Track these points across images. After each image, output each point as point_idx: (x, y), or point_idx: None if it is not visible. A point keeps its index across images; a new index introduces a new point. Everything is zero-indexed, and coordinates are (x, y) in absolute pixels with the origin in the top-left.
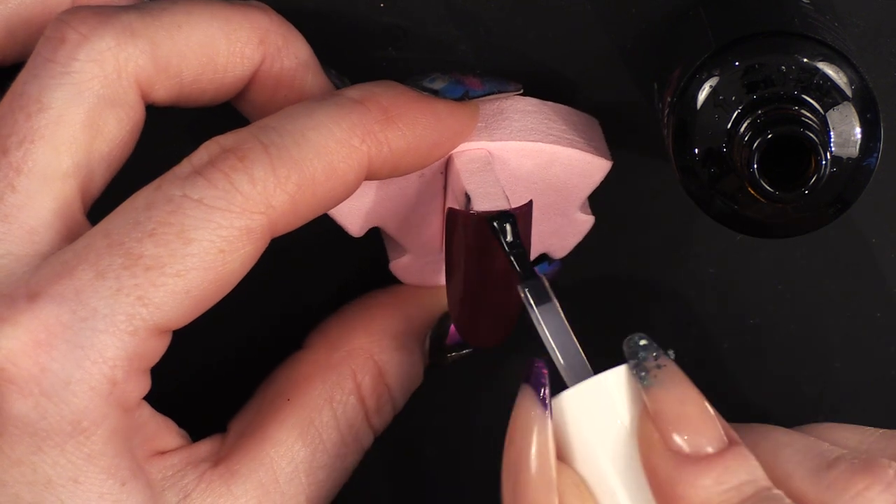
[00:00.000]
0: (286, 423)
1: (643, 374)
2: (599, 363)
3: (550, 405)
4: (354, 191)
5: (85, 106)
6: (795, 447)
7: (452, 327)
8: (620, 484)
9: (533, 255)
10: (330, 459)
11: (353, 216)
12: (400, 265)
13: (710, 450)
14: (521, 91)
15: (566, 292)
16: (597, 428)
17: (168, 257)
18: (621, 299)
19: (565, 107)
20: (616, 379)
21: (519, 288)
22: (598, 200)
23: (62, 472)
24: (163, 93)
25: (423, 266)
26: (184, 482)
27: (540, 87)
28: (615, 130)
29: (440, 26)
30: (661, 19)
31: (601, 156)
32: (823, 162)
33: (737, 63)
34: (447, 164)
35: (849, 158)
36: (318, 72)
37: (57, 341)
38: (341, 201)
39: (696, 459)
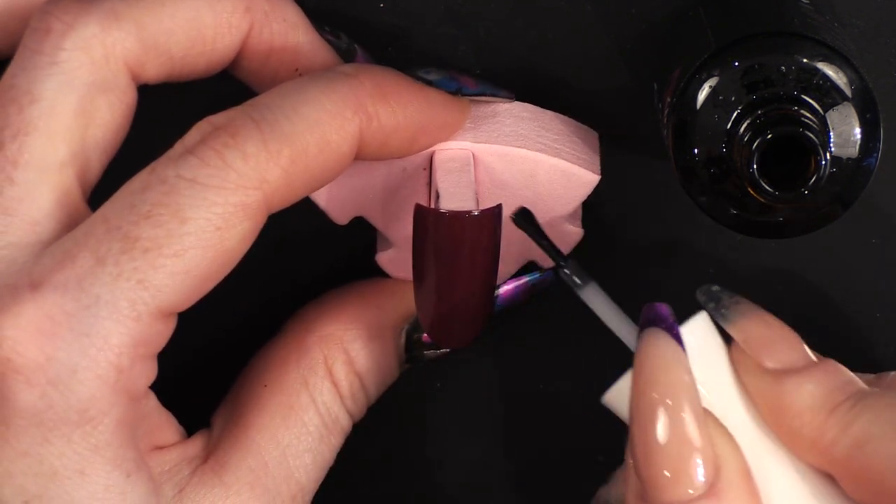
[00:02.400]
0: (267, 409)
1: (724, 311)
2: (600, 362)
3: (684, 343)
4: (348, 165)
5: (76, 94)
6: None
7: None
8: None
9: (520, 263)
10: (314, 442)
11: (335, 201)
12: (385, 257)
13: (802, 363)
14: (513, 99)
15: (566, 292)
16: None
17: (165, 238)
18: (621, 299)
19: (564, 117)
20: (700, 325)
21: (561, 273)
22: (597, 200)
23: (68, 464)
24: (154, 72)
25: (408, 259)
26: (179, 477)
27: (540, 86)
28: (615, 130)
29: (440, 26)
30: (661, 19)
31: (588, 169)
32: (823, 162)
33: (736, 63)
34: (431, 162)
35: (849, 158)
36: (310, 31)
37: (61, 330)
38: (335, 175)
39: (795, 371)
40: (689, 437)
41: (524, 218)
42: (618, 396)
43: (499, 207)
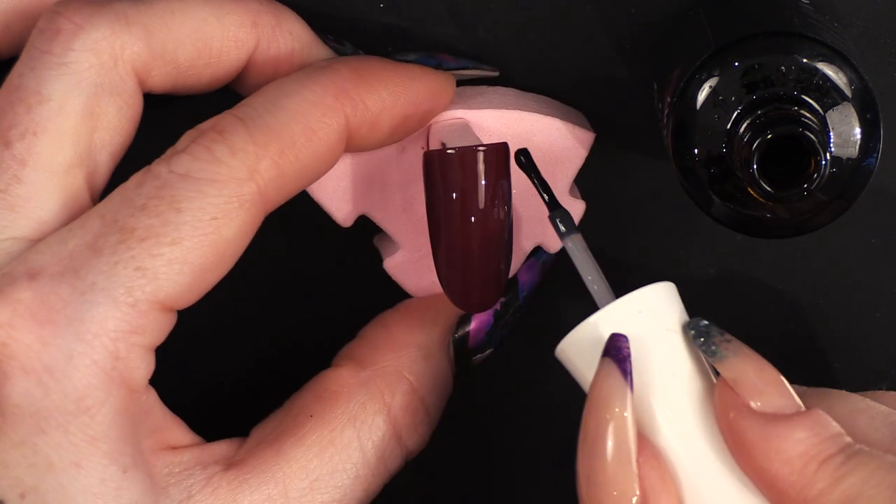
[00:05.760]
0: (305, 440)
1: (714, 348)
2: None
3: (632, 379)
4: (339, 154)
5: (84, 96)
6: (871, 413)
7: (472, 329)
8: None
9: (528, 245)
10: (347, 480)
11: (338, 200)
12: (393, 263)
13: (791, 410)
14: (497, 73)
15: (566, 292)
16: (645, 341)
17: (161, 227)
18: None
19: (549, 98)
20: (652, 295)
21: (549, 217)
22: (598, 200)
23: (64, 456)
24: (159, 80)
25: (416, 262)
26: (189, 482)
27: (539, 86)
28: (615, 130)
29: (440, 26)
30: (661, 19)
31: (582, 127)
32: (823, 162)
33: (736, 63)
34: (427, 139)
35: (849, 158)
36: (317, 44)
37: (58, 317)
38: (329, 165)
39: (784, 417)
40: (618, 469)
41: (524, 157)
42: (569, 350)
43: (505, 144)
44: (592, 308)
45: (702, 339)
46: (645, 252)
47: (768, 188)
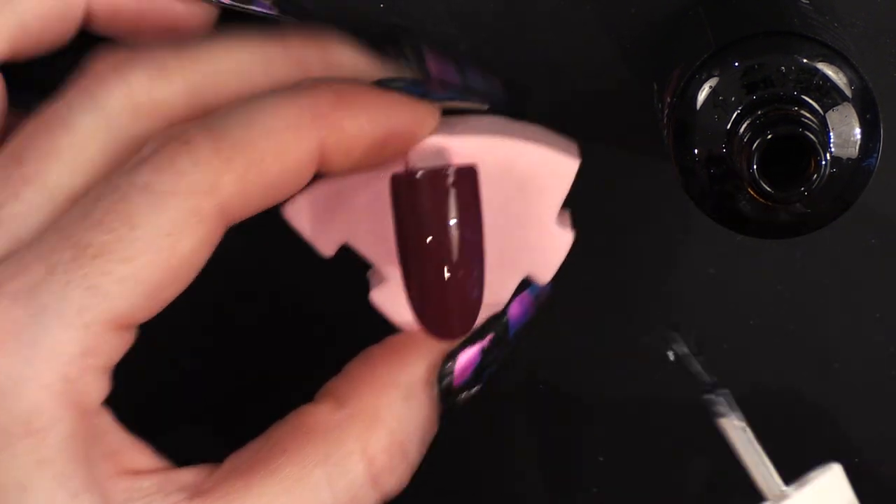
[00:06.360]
0: (276, 475)
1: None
2: (601, 361)
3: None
4: (310, 176)
5: (111, 135)
6: None
7: (458, 366)
8: None
9: (516, 276)
10: None
11: (318, 228)
12: (379, 295)
13: None
14: (486, 107)
15: (566, 293)
16: None
17: (115, 243)
18: (621, 299)
19: (538, 126)
20: (827, 483)
21: (706, 399)
22: (598, 201)
23: (10, 477)
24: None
25: (403, 294)
26: None
27: (539, 86)
28: (615, 130)
29: (440, 26)
30: (661, 19)
31: (568, 154)
32: (823, 162)
33: (736, 63)
34: (406, 165)
35: (849, 159)
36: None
37: (8, 338)
38: (297, 186)
39: None
40: None
41: (677, 346)
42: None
43: (474, 166)
44: (596, 346)
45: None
46: (644, 252)
47: (768, 188)
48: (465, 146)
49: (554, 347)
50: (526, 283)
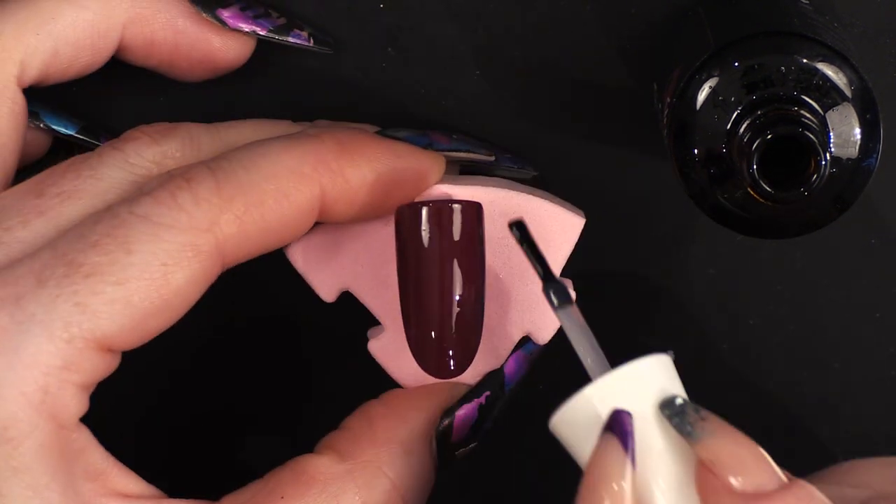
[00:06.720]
0: None
1: (689, 428)
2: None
3: (634, 456)
4: (311, 223)
5: (133, 189)
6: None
7: (456, 422)
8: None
9: (516, 334)
10: None
11: (321, 273)
12: (379, 345)
13: (773, 486)
14: (493, 158)
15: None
16: (638, 415)
17: (109, 265)
18: (621, 300)
19: (542, 190)
20: (646, 368)
21: (542, 289)
22: (598, 200)
23: None
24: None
25: (401, 345)
26: None
27: (539, 87)
28: (615, 130)
29: (440, 26)
30: (661, 19)
31: (573, 212)
32: (823, 162)
33: (736, 63)
34: None
35: (848, 159)
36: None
37: None
38: (297, 232)
39: (765, 495)
40: None
41: (518, 228)
42: (561, 424)
43: (478, 203)
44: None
45: (676, 420)
46: (645, 252)
47: (768, 188)
48: (471, 196)
49: (554, 348)
50: (523, 340)
